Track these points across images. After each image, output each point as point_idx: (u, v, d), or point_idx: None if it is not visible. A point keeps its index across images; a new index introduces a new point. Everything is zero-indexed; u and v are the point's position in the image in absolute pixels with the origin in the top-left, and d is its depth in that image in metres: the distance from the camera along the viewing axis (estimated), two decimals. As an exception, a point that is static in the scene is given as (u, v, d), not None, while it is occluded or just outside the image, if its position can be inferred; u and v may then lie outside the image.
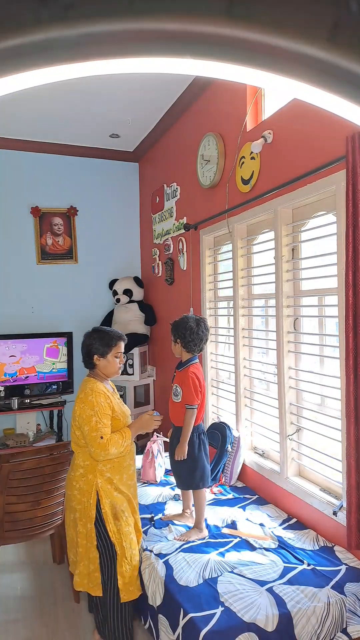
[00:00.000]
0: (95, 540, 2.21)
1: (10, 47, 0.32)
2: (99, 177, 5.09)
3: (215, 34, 0.33)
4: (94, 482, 2.21)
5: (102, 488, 2.21)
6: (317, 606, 1.88)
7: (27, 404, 4.43)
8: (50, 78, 0.37)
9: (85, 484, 2.22)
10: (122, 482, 2.27)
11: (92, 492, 2.20)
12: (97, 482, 2.21)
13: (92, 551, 2.22)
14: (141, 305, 4.84)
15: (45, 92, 3.65)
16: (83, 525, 2.22)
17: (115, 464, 2.25)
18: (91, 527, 2.21)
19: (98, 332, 2.35)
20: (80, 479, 2.23)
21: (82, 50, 0.34)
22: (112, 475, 2.24)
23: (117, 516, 2.22)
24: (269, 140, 2.76)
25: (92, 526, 2.20)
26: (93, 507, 2.20)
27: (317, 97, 0.38)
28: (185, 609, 1.88)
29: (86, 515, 2.21)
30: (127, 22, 0.32)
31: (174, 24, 0.32)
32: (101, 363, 2.32)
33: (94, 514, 2.20)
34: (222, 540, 2.40)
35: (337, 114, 0.40)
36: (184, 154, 4.08)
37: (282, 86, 0.38)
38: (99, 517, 2.20)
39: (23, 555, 3.24)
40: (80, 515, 2.23)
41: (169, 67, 0.38)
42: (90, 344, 2.32)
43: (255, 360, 3.20)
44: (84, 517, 2.22)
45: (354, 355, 2.05)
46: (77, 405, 2.24)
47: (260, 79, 0.38)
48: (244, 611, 1.83)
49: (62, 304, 4.91)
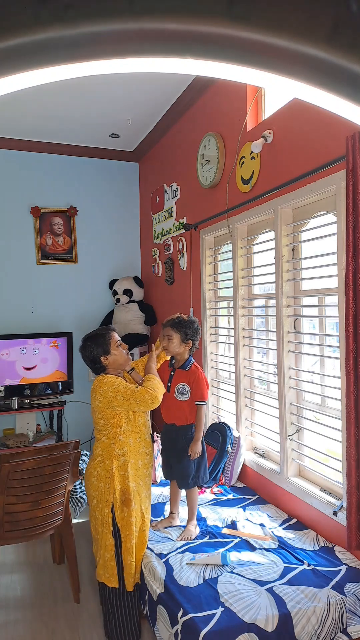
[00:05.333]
0: (111, 526, 2.27)
1: (10, 47, 0.32)
2: (99, 177, 5.09)
3: (215, 34, 0.33)
4: (110, 467, 2.29)
5: (115, 474, 2.28)
6: (317, 606, 1.88)
7: (27, 404, 4.43)
8: (50, 78, 0.37)
9: (103, 470, 2.30)
10: (136, 468, 2.34)
11: (109, 477, 2.28)
12: (113, 467, 2.28)
13: (108, 538, 2.28)
14: (141, 305, 4.84)
15: (45, 92, 3.65)
16: (100, 510, 2.29)
17: (130, 447, 2.33)
18: (108, 512, 2.27)
19: (89, 338, 2.42)
20: (98, 466, 2.32)
21: (82, 50, 0.34)
22: (127, 459, 2.31)
23: (127, 504, 2.27)
24: (269, 140, 2.76)
25: (108, 511, 2.27)
26: (110, 491, 2.27)
27: (317, 97, 0.38)
28: (186, 609, 1.88)
29: (103, 499, 2.28)
30: (126, 22, 0.32)
31: (174, 24, 0.32)
32: (110, 360, 2.38)
33: (111, 498, 2.27)
34: (222, 540, 2.41)
35: (337, 113, 0.40)
36: (184, 154, 4.08)
37: (282, 86, 0.38)
38: (114, 502, 2.27)
39: (23, 555, 3.24)
40: (98, 501, 2.30)
41: (169, 67, 0.38)
42: (90, 352, 2.39)
43: (255, 360, 3.20)
44: (102, 502, 2.29)
45: (354, 355, 2.05)
46: (95, 394, 2.32)
47: (260, 79, 0.37)
48: (244, 611, 1.83)
49: (62, 304, 4.91)
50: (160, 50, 0.35)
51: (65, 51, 0.34)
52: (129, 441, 2.33)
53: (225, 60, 0.36)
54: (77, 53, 0.34)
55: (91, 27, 0.32)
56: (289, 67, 0.35)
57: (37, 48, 0.33)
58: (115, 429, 2.31)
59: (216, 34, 0.33)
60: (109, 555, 2.28)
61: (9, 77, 0.35)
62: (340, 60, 0.34)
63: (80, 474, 2.94)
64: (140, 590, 2.32)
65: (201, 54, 0.35)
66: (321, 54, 0.33)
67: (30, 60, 0.34)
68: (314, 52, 0.33)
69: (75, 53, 0.34)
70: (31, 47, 0.33)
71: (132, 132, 4.58)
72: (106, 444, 2.32)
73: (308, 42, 0.33)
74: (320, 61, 0.34)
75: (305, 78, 0.36)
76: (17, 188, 4.75)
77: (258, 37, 0.33)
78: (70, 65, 0.36)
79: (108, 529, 2.27)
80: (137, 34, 0.33)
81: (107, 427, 2.32)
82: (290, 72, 0.36)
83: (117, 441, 2.31)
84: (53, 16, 0.31)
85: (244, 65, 0.36)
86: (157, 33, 0.33)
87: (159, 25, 0.32)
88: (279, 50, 0.34)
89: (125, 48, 0.34)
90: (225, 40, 0.33)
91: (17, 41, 0.32)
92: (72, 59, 0.35)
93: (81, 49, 0.34)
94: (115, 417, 2.31)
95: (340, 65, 0.34)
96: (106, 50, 0.34)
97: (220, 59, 0.36)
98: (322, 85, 0.36)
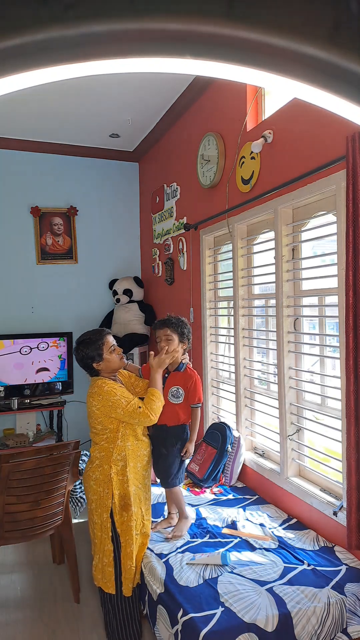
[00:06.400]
0: (110, 531, 2.25)
1: (11, 47, 0.32)
2: (99, 177, 5.09)
3: (215, 34, 0.33)
4: (109, 472, 2.27)
5: (114, 479, 2.26)
6: (317, 606, 1.88)
7: (27, 404, 4.43)
8: (50, 78, 0.37)
9: (101, 474, 2.28)
10: (135, 471, 2.32)
11: (107, 482, 2.26)
12: (111, 472, 2.26)
13: (107, 543, 2.26)
14: (141, 305, 4.84)
15: (45, 92, 3.65)
16: (99, 515, 2.27)
17: (129, 451, 2.31)
18: (107, 517, 2.26)
19: (82, 342, 2.37)
20: (97, 470, 2.30)
21: (82, 50, 0.34)
22: (127, 462, 2.29)
23: (126, 508, 2.26)
24: (269, 140, 2.76)
25: (107, 516, 2.25)
26: (109, 496, 2.25)
27: (317, 97, 0.38)
28: (186, 609, 1.88)
29: (102, 505, 2.26)
30: (127, 22, 0.32)
31: (174, 24, 0.32)
32: (102, 365, 2.34)
33: (109, 503, 2.25)
34: (223, 540, 2.40)
35: (337, 113, 0.40)
36: (184, 154, 4.08)
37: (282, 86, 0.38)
38: (112, 507, 2.25)
39: (23, 555, 3.24)
40: (96, 505, 2.28)
41: (169, 67, 0.38)
42: (83, 357, 2.34)
43: (255, 360, 3.20)
44: (100, 507, 2.27)
45: (354, 355, 2.05)
46: (93, 400, 2.27)
47: (260, 79, 0.37)
48: (244, 611, 1.83)
49: (62, 304, 4.91)
50: (160, 50, 0.35)
51: (66, 51, 0.34)
52: (127, 445, 2.30)
53: (225, 60, 0.36)
54: (77, 53, 0.34)
55: (91, 27, 0.32)
56: (289, 67, 0.35)
57: (37, 48, 0.33)
58: (114, 434, 2.29)
59: (216, 34, 0.33)
60: (107, 561, 2.26)
61: (9, 77, 0.35)
62: (340, 60, 0.34)
63: (80, 474, 2.94)
64: (140, 591, 2.32)
65: (201, 54, 0.35)
66: (321, 54, 0.33)
67: (30, 60, 0.34)
68: (314, 52, 0.33)
69: (75, 53, 0.34)
70: (31, 47, 0.33)
71: (132, 132, 4.58)
72: (104, 447, 2.30)
73: (308, 42, 0.33)
74: (321, 61, 0.34)
75: (305, 78, 0.36)
76: (17, 188, 4.75)
77: (258, 37, 0.33)
78: (70, 65, 0.36)
79: (107, 534, 2.25)
80: (138, 34, 0.33)
81: (105, 432, 2.30)
82: (290, 72, 0.36)
83: (115, 445, 2.28)
84: (53, 16, 0.31)
85: (244, 65, 0.36)
86: (158, 33, 0.33)
87: (159, 25, 0.32)
88: (279, 50, 0.34)
89: (126, 48, 0.34)
90: (225, 40, 0.33)
91: (17, 41, 0.32)
92: (72, 59, 0.35)
93: (81, 49, 0.34)
94: (113, 423, 2.28)
95: (340, 65, 0.34)
96: (106, 50, 0.34)
97: (220, 59, 0.36)
98: (322, 85, 0.36)
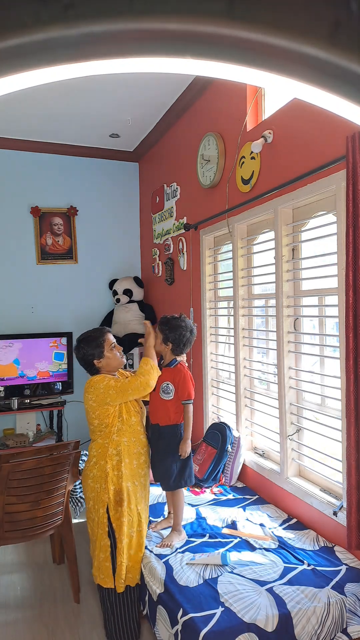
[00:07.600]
0: (107, 527, 2.28)
1: (11, 47, 0.32)
2: (99, 177, 5.09)
3: (215, 34, 0.33)
4: (105, 467, 2.30)
5: (110, 474, 2.28)
6: (317, 606, 1.88)
7: (27, 404, 4.43)
8: (50, 78, 0.37)
9: (98, 471, 2.31)
10: (131, 468, 2.33)
11: (104, 477, 2.29)
12: (107, 467, 2.29)
13: (104, 539, 2.29)
14: (141, 305, 4.83)
15: (45, 92, 3.65)
16: (96, 512, 2.30)
17: (124, 447, 2.32)
18: (103, 513, 2.28)
19: (83, 339, 2.41)
20: (94, 467, 2.33)
21: (82, 50, 0.34)
22: (122, 458, 2.30)
23: (119, 503, 2.27)
24: (269, 140, 2.76)
25: (104, 512, 2.28)
26: (105, 491, 2.28)
27: (317, 97, 0.38)
28: (185, 609, 1.88)
29: (99, 500, 2.29)
30: (127, 22, 0.32)
31: (174, 24, 0.32)
32: (103, 363, 2.37)
33: (106, 498, 2.28)
34: (222, 540, 2.40)
35: (337, 113, 0.40)
36: (184, 154, 4.08)
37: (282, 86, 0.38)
38: (108, 503, 2.27)
39: (23, 555, 3.24)
40: (94, 502, 2.31)
41: (169, 67, 0.38)
42: (84, 354, 2.38)
43: (255, 360, 3.20)
44: (97, 502, 2.30)
45: (354, 355, 2.05)
46: (89, 394, 2.33)
47: (260, 79, 0.37)
48: (244, 611, 1.83)
49: (62, 304, 4.91)
50: (160, 50, 0.35)
51: (66, 51, 0.34)
52: (123, 440, 2.32)
53: (226, 60, 0.36)
54: (78, 53, 0.34)
55: (91, 27, 0.32)
56: (289, 67, 0.35)
57: (37, 48, 0.33)
58: (109, 429, 2.32)
59: (217, 34, 0.33)
60: (104, 556, 2.28)
61: (9, 77, 0.35)
62: (340, 60, 0.34)
63: (79, 474, 2.94)
64: (140, 591, 2.32)
65: (201, 54, 0.35)
66: (321, 54, 0.33)
67: (30, 60, 0.34)
68: (314, 52, 0.33)
69: (75, 53, 0.34)
70: (31, 47, 0.33)
71: (132, 132, 4.58)
72: (100, 444, 2.33)
73: (308, 42, 0.33)
74: (321, 61, 0.34)
75: (305, 78, 0.36)
76: (17, 188, 4.75)
77: (258, 37, 0.33)
78: (70, 65, 0.36)
79: (104, 529, 2.28)
80: (138, 34, 0.33)
81: (101, 427, 2.33)
82: (290, 72, 0.36)
83: (110, 440, 2.31)
84: (53, 16, 0.31)
85: (245, 65, 0.36)
86: (158, 33, 0.33)
87: (159, 25, 0.32)
88: (279, 50, 0.34)
89: (126, 48, 0.34)
90: (225, 40, 0.33)
91: (18, 41, 0.32)
92: (72, 59, 0.35)
93: (81, 49, 0.34)
94: (109, 417, 2.31)
95: (341, 65, 0.34)
96: (107, 50, 0.34)
97: (221, 59, 0.36)
98: (322, 85, 0.36)
